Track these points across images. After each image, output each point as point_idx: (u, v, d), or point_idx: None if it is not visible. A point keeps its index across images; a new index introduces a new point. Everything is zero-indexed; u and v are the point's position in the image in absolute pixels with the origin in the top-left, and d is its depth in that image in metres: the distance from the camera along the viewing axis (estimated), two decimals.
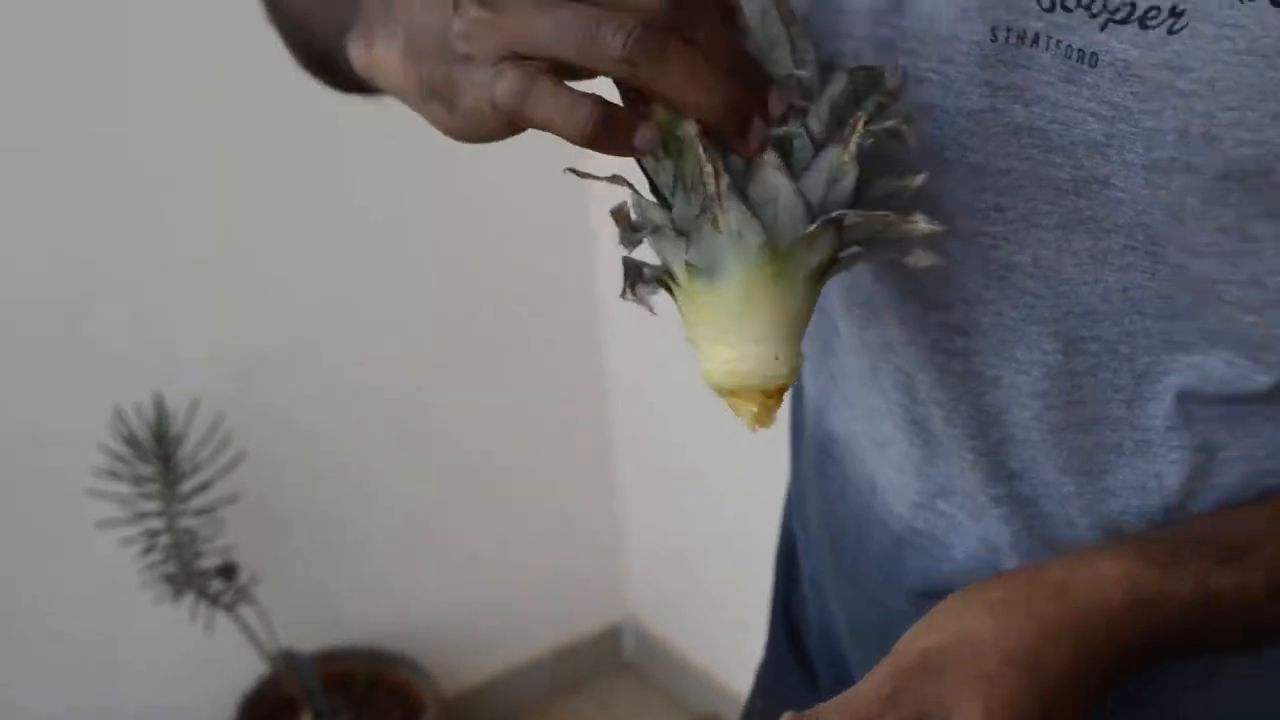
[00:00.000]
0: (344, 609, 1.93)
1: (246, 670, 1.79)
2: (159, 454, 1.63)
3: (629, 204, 0.51)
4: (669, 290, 0.50)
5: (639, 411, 2.00)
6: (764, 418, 0.49)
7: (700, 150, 0.46)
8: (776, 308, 0.47)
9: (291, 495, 1.84)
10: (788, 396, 0.77)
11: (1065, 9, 0.49)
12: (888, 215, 0.48)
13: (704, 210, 0.47)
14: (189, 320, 1.70)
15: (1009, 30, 0.50)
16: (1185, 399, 0.55)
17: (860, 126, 0.47)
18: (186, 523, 1.66)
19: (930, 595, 0.64)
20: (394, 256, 1.83)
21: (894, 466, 0.65)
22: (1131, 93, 0.48)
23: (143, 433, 1.63)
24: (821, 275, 0.49)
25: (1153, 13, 0.47)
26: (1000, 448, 0.59)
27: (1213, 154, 0.48)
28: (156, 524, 1.65)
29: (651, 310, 0.51)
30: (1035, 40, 0.50)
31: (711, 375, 0.48)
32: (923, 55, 0.52)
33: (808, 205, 0.47)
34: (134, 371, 1.66)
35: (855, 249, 0.49)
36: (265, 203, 1.70)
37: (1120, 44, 0.48)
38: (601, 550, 2.16)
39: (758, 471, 1.40)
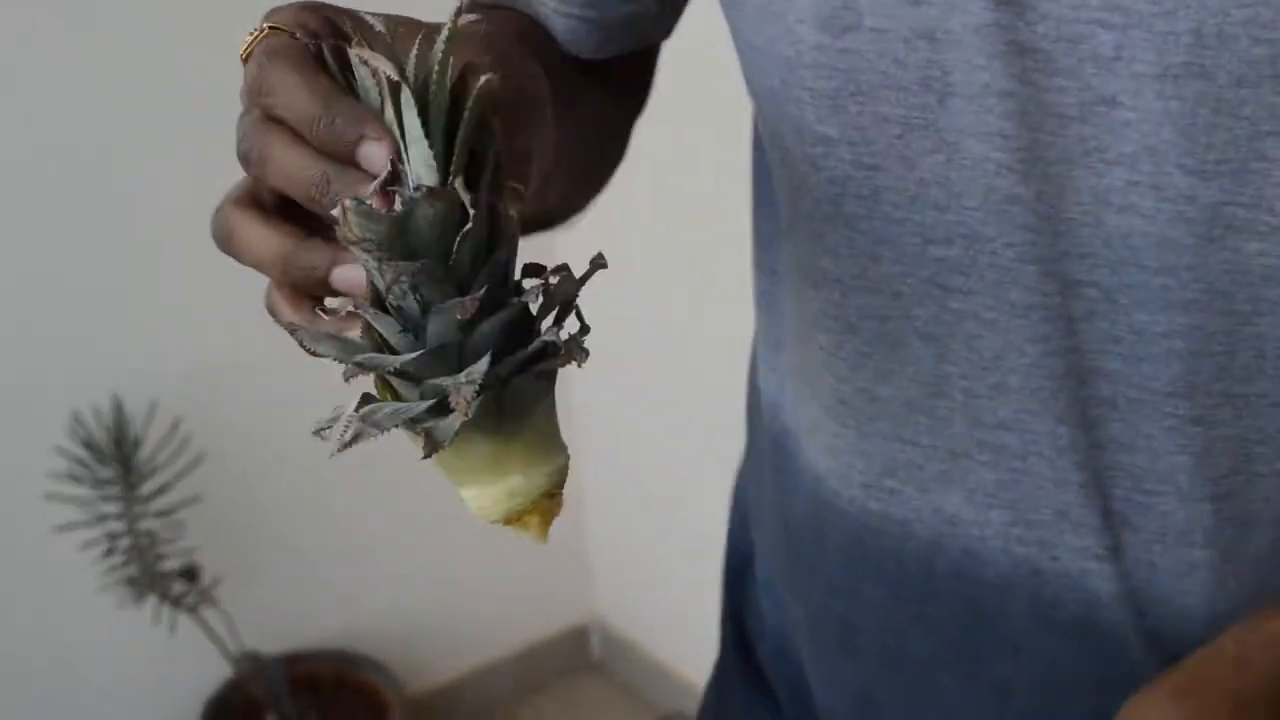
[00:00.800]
0: (308, 610, 1.92)
1: (210, 674, 1.78)
2: (118, 456, 1.62)
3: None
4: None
5: (603, 412, 2.00)
6: (549, 518, 0.47)
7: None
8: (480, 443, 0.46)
9: (253, 497, 1.82)
10: (743, 398, 0.77)
11: None
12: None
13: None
14: (146, 324, 1.69)
15: None
16: (1186, 363, 0.54)
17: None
18: (147, 525, 1.65)
19: (898, 579, 0.64)
20: None
21: (830, 452, 0.64)
22: None
23: (101, 436, 1.62)
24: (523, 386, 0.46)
25: None
26: (995, 392, 0.58)
27: (1227, 55, 0.46)
28: (117, 526, 1.63)
29: None
30: None
31: (489, 515, 0.47)
32: None
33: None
34: (91, 375, 1.65)
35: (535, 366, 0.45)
36: None
37: None
38: (567, 550, 2.15)
39: (722, 471, 1.40)
